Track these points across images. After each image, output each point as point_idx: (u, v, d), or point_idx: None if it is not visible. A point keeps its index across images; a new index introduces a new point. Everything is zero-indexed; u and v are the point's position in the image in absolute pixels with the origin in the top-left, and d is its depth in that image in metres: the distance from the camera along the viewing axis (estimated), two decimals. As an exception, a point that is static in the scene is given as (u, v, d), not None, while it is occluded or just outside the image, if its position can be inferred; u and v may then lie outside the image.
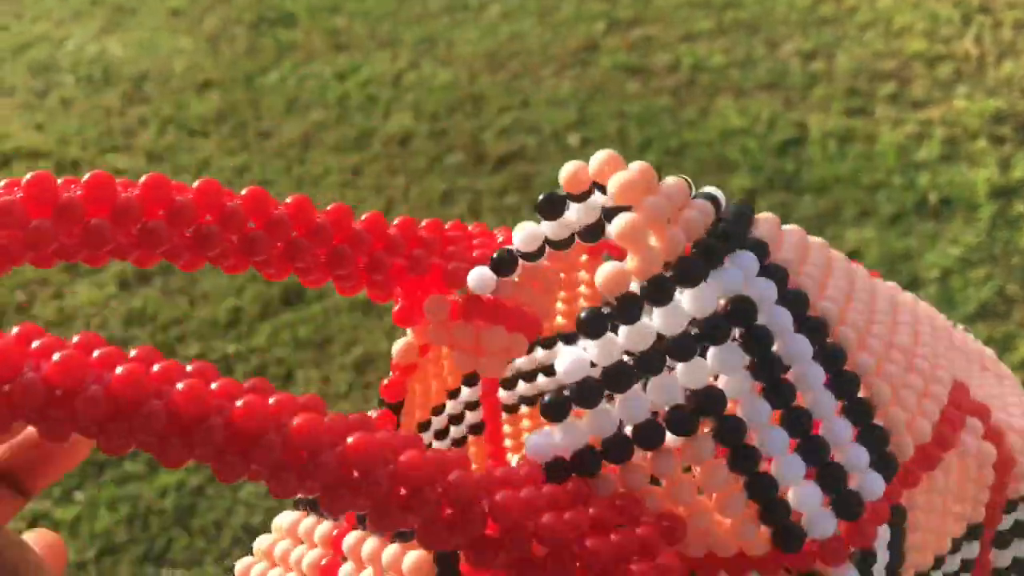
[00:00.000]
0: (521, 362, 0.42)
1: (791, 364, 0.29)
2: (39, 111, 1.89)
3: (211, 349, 1.42)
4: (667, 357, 0.28)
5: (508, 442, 0.43)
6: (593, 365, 0.28)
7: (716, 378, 0.29)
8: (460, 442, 0.41)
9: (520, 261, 0.33)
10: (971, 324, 1.40)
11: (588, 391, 0.27)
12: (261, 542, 0.34)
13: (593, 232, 0.31)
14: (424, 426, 0.39)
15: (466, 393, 0.41)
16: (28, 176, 0.27)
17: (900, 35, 1.99)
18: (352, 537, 0.30)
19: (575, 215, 0.32)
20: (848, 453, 0.29)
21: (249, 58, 2.06)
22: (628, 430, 0.28)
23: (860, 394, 0.30)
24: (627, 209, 0.28)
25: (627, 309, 0.27)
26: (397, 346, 0.36)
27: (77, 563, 1.14)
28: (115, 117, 1.88)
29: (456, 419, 0.41)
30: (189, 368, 0.25)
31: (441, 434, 0.40)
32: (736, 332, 0.28)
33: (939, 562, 0.33)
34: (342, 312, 1.46)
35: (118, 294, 1.51)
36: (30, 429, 0.29)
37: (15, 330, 0.25)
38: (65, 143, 1.81)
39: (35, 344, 0.24)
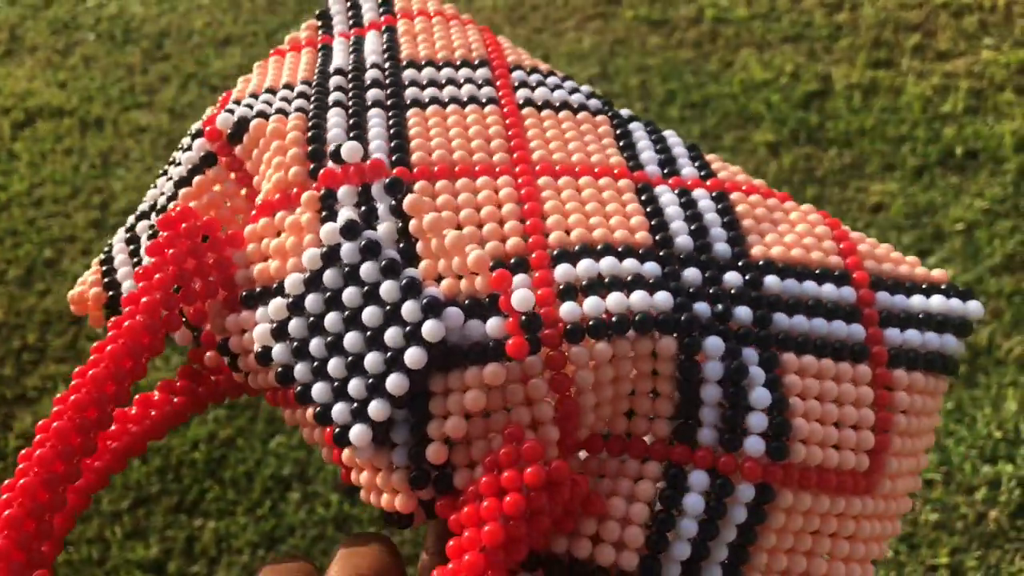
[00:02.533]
0: None
1: None
2: (62, 69, 1.90)
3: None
4: None
5: None
6: None
7: None
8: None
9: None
10: (996, 277, 1.40)
11: None
12: None
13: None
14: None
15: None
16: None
17: (926, -15, 1.96)
18: None
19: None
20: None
21: (269, 13, 2.05)
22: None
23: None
24: None
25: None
26: None
27: (111, 513, 1.16)
28: (137, 74, 1.88)
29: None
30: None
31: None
32: None
33: None
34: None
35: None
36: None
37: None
38: (88, 100, 1.82)
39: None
